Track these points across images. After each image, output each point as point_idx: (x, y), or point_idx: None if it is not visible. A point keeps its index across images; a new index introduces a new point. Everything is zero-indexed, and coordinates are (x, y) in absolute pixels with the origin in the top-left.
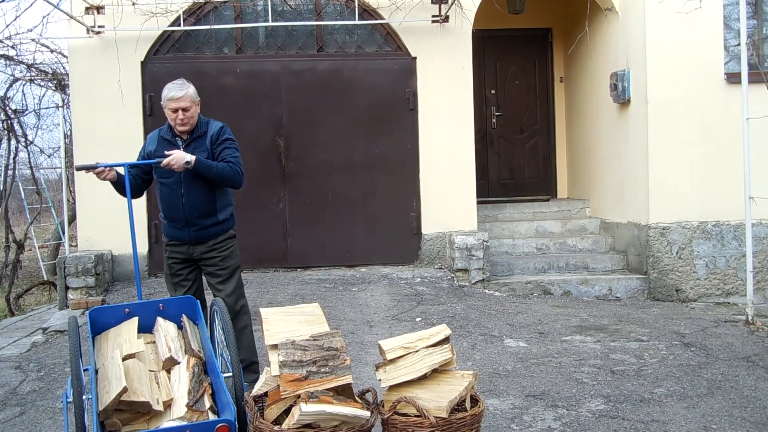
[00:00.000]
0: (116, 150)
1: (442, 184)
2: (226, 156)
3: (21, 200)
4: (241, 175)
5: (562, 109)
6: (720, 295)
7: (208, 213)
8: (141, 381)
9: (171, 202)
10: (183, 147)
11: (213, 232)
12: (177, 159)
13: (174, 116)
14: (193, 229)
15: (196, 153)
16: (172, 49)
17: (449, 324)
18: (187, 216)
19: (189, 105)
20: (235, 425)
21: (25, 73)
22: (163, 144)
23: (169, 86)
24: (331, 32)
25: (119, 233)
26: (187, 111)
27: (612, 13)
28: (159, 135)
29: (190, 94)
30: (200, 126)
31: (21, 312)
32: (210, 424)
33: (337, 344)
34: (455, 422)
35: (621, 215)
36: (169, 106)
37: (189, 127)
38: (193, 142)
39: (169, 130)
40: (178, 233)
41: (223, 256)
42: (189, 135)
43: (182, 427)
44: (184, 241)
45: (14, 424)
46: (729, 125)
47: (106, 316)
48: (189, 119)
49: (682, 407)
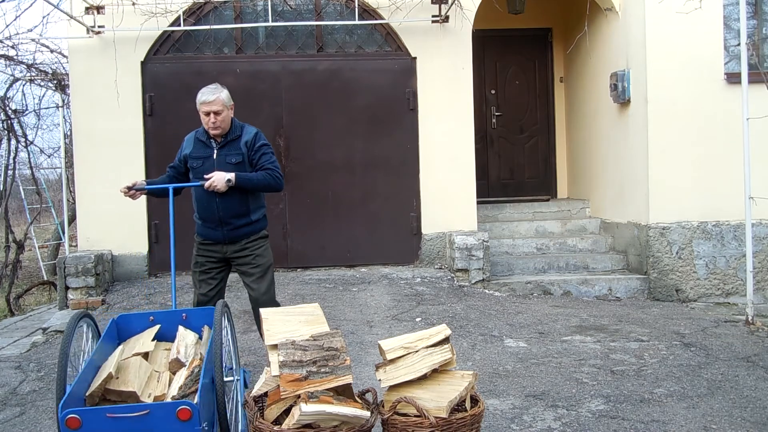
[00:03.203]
0: (116, 150)
1: (442, 184)
2: (264, 163)
3: (21, 200)
4: (280, 180)
5: (562, 109)
6: (720, 295)
7: (241, 214)
8: (137, 375)
9: (205, 203)
10: (217, 149)
11: (245, 232)
12: (218, 180)
13: (206, 119)
14: (227, 229)
15: (230, 156)
16: (172, 49)
17: (449, 324)
18: (221, 216)
19: (220, 109)
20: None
21: (25, 73)
22: (198, 145)
23: (203, 90)
24: (331, 32)
25: (119, 233)
26: (219, 114)
27: (612, 13)
28: (195, 136)
29: (222, 98)
30: (234, 129)
31: (21, 312)
32: (172, 405)
33: (337, 344)
34: (455, 422)
35: (621, 215)
36: (201, 109)
37: (221, 130)
38: (227, 145)
39: (204, 131)
40: (211, 233)
41: (256, 255)
42: (223, 138)
43: (145, 406)
44: (217, 240)
45: (14, 424)
46: (729, 125)
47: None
48: (221, 122)
49: (682, 407)
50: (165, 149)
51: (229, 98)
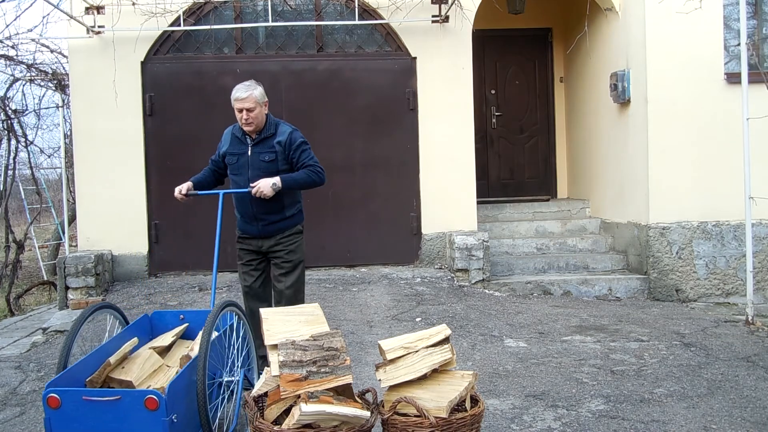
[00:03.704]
0: (116, 150)
1: (442, 184)
2: (304, 160)
3: (21, 200)
4: (322, 175)
5: (562, 109)
6: (720, 295)
7: (275, 210)
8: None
9: (242, 199)
10: (251, 146)
11: (280, 227)
12: (264, 186)
13: (240, 116)
14: (261, 224)
15: (263, 154)
16: (172, 49)
17: (449, 324)
18: (255, 212)
19: (253, 106)
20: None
21: (25, 73)
22: (234, 142)
23: (237, 87)
24: (331, 32)
25: (119, 233)
26: (252, 111)
27: (612, 13)
28: (232, 133)
29: (255, 96)
30: (269, 127)
31: (21, 312)
32: (140, 393)
33: (337, 344)
34: (455, 422)
35: (621, 215)
36: (235, 106)
37: (254, 127)
38: (261, 142)
39: (239, 128)
40: (248, 227)
41: (288, 250)
42: (257, 135)
43: (117, 392)
44: (253, 234)
45: (14, 424)
46: (729, 125)
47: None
48: (254, 119)
49: (682, 407)
50: (165, 149)
51: (262, 95)
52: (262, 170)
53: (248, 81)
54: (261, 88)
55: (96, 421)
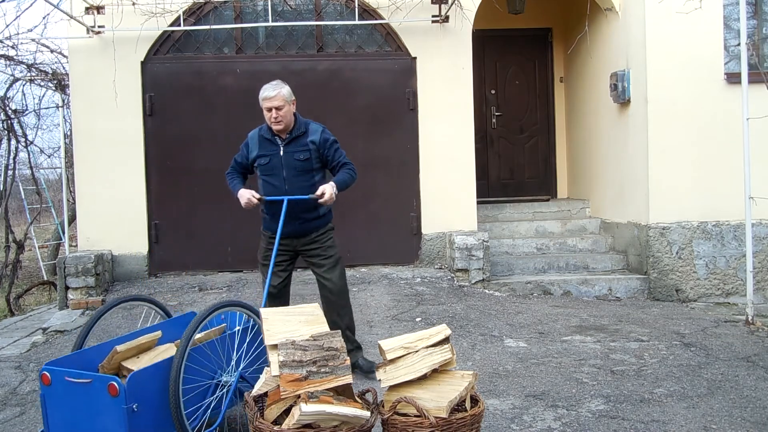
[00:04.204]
0: (116, 150)
1: (442, 184)
2: (340, 159)
3: (21, 200)
4: (356, 172)
5: (562, 109)
6: (720, 295)
7: (311, 208)
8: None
9: None
10: (283, 146)
11: (315, 225)
12: (331, 195)
13: (268, 115)
14: (297, 223)
15: (297, 153)
16: (172, 49)
17: (449, 324)
18: (294, 211)
19: (281, 104)
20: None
21: (25, 73)
22: (264, 144)
23: (265, 86)
24: (331, 32)
25: (119, 233)
26: (280, 110)
27: (612, 13)
28: (259, 135)
29: (283, 94)
30: (298, 126)
31: (21, 312)
32: (106, 378)
33: (337, 344)
34: (455, 422)
35: (621, 215)
36: (263, 105)
37: (283, 126)
38: (293, 141)
39: (268, 129)
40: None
41: (326, 246)
42: (288, 134)
43: (89, 375)
44: (288, 233)
45: (14, 424)
46: (729, 125)
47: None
48: (282, 118)
49: (682, 407)
50: (165, 149)
51: (290, 94)
52: (297, 169)
53: (275, 80)
54: (288, 87)
55: (75, 401)
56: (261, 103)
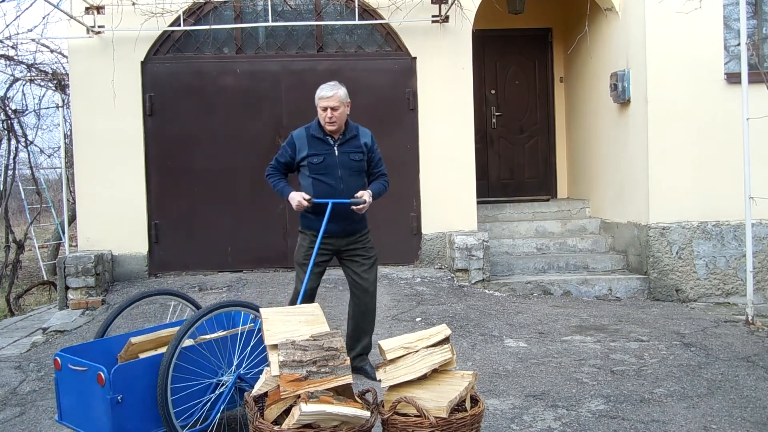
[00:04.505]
0: (116, 150)
1: (442, 184)
2: (381, 168)
3: (21, 200)
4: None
5: (562, 109)
6: (720, 295)
7: None
8: None
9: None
10: (337, 146)
11: (360, 227)
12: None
13: (324, 114)
14: (347, 223)
15: (353, 153)
16: (172, 49)
17: (449, 324)
18: (345, 211)
19: (337, 105)
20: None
21: (25, 73)
22: (315, 143)
23: (322, 86)
24: (331, 32)
25: (119, 233)
26: (336, 110)
27: (612, 13)
28: (308, 134)
29: (340, 95)
30: (351, 128)
31: (21, 312)
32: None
33: (337, 344)
34: (455, 422)
35: (621, 215)
36: (319, 104)
37: (336, 126)
38: (347, 142)
39: (319, 128)
40: (331, 226)
41: (368, 247)
42: (342, 135)
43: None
44: (333, 233)
45: (14, 424)
46: (729, 125)
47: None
48: (337, 119)
49: (682, 407)
50: (165, 149)
51: (346, 96)
52: (352, 169)
53: (332, 81)
54: (345, 89)
55: (77, 387)
56: (317, 102)
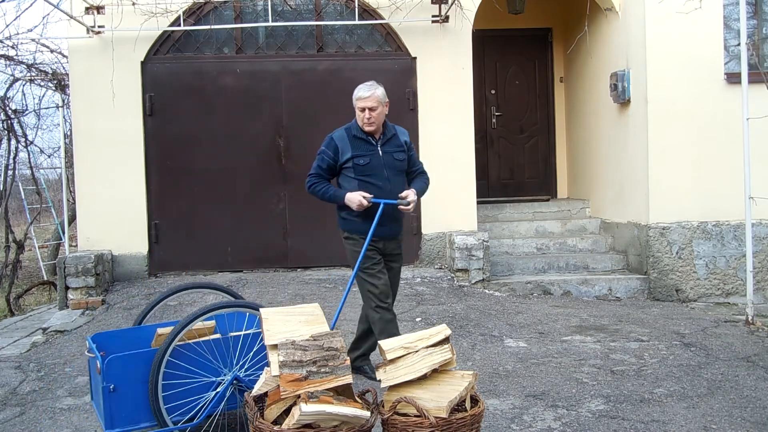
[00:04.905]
0: (116, 150)
1: (442, 184)
2: (420, 166)
3: (21, 200)
4: None
5: (562, 109)
6: (720, 295)
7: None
8: None
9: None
10: (380, 146)
11: (401, 229)
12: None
13: (362, 115)
14: (394, 225)
15: (397, 153)
16: (172, 49)
17: (449, 324)
18: (395, 214)
19: (375, 105)
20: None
21: (25, 73)
22: (358, 144)
23: (360, 86)
24: (331, 32)
25: (119, 233)
26: (374, 111)
27: (612, 13)
28: (350, 135)
29: (378, 95)
30: (389, 128)
31: (21, 312)
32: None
33: (337, 344)
34: (455, 422)
35: (621, 215)
36: (357, 105)
37: (375, 127)
38: (388, 142)
39: (357, 128)
40: (379, 229)
41: (401, 252)
42: (382, 135)
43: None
44: (382, 236)
45: (14, 424)
46: (729, 125)
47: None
48: (375, 119)
49: (682, 407)
50: (165, 149)
51: (384, 96)
52: (396, 169)
53: (370, 81)
54: (382, 88)
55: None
56: (354, 103)
